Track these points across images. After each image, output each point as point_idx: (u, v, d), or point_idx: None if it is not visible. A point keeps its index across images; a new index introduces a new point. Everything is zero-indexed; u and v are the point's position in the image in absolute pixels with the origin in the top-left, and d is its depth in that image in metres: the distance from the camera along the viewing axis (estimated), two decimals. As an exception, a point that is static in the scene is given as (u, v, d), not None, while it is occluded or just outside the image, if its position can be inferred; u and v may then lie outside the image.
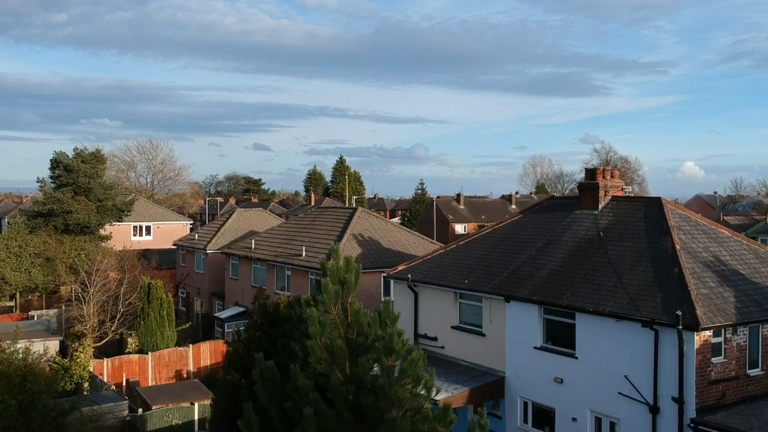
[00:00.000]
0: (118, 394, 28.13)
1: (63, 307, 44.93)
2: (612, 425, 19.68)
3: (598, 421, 20.08)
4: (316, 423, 10.47)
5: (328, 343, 11.10)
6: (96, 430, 24.55)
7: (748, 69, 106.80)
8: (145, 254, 51.39)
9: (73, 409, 24.86)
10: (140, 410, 25.98)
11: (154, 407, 26.31)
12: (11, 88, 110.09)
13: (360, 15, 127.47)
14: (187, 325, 42.91)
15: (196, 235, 50.57)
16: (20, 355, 24.35)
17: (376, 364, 11.27)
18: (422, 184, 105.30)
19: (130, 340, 38.89)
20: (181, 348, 34.70)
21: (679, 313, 17.53)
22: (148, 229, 66.30)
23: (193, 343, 35.61)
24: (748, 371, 18.78)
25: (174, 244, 52.66)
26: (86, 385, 30.50)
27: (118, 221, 56.22)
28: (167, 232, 65.52)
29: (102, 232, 54.12)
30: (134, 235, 64.88)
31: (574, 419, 20.57)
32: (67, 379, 30.57)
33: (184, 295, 49.36)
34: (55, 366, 30.78)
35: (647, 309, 18.70)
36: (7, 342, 24.95)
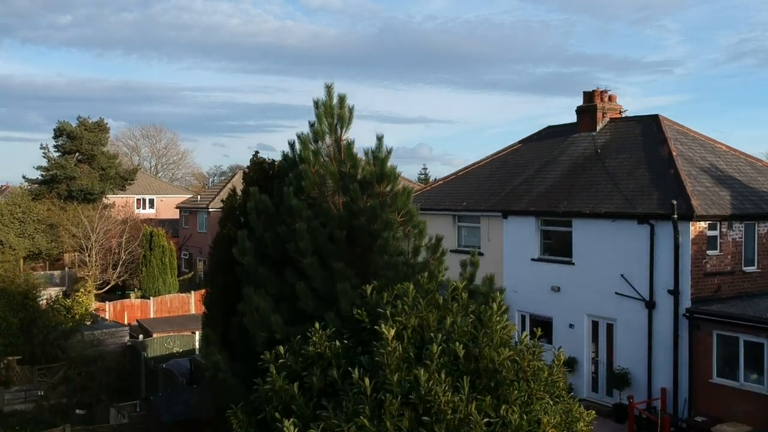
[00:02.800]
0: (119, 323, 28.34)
1: (66, 268, 45.26)
2: (609, 327, 19.78)
3: (594, 325, 20.18)
4: (309, 239, 10.59)
5: (321, 171, 11.23)
6: (97, 353, 24.72)
7: (753, 68, 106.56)
8: (148, 221, 51.66)
9: (75, 332, 25.13)
10: (141, 336, 26.16)
11: (155, 335, 26.47)
12: (17, 90, 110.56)
13: (364, 16, 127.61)
14: (190, 275, 43.08)
15: (199, 197, 50.82)
16: (21, 279, 24.60)
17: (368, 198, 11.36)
18: (425, 168, 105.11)
19: (132, 295, 39.09)
20: (183, 294, 34.88)
21: (675, 202, 17.61)
22: (151, 202, 66.52)
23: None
24: (744, 268, 18.84)
25: (177, 207, 52.89)
26: (88, 323, 30.67)
27: (121, 189, 56.38)
28: (170, 205, 65.62)
29: (105, 201, 54.34)
30: (138, 208, 65.02)
31: (571, 326, 20.66)
32: (69, 319, 30.75)
33: (187, 257, 49.52)
34: (57, 306, 30.97)
35: (643, 206, 18.81)
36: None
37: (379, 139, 11.89)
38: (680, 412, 17.62)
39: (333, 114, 11.67)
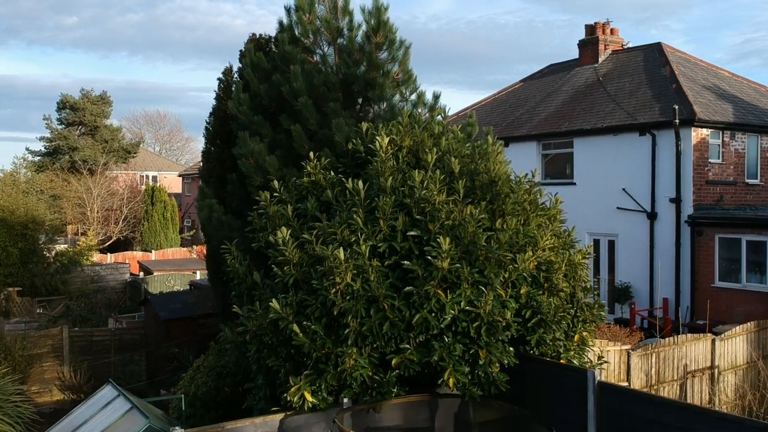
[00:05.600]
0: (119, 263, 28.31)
1: (69, 235, 45.22)
2: (610, 243, 19.63)
3: (596, 243, 20.01)
4: (303, 81, 10.48)
5: (315, 25, 11.13)
6: (98, 288, 24.71)
7: (757, 68, 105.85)
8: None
9: (75, 266, 25.10)
10: (141, 274, 26.11)
11: (155, 273, 26.44)
12: (22, 90, 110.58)
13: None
14: (192, 232, 43.01)
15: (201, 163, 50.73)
16: (21, 210, 24.56)
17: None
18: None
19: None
20: (185, 248, 34.83)
21: (676, 107, 17.46)
22: (154, 178, 66.44)
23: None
24: (747, 180, 18.69)
25: (180, 175, 52.85)
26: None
27: (124, 162, 56.36)
28: (173, 182, 65.64)
29: (108, 174, 54.29)
30: (141, 185, 65.02)
31: (572, 246, 20.48)
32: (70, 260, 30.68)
33: (189, 224, 49.49)
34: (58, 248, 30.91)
35: (644, 117, 18.66)
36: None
37: (378, 7, 11.79)
38: (682, 320, 17.45)
39: (328, -28, 11.57)
